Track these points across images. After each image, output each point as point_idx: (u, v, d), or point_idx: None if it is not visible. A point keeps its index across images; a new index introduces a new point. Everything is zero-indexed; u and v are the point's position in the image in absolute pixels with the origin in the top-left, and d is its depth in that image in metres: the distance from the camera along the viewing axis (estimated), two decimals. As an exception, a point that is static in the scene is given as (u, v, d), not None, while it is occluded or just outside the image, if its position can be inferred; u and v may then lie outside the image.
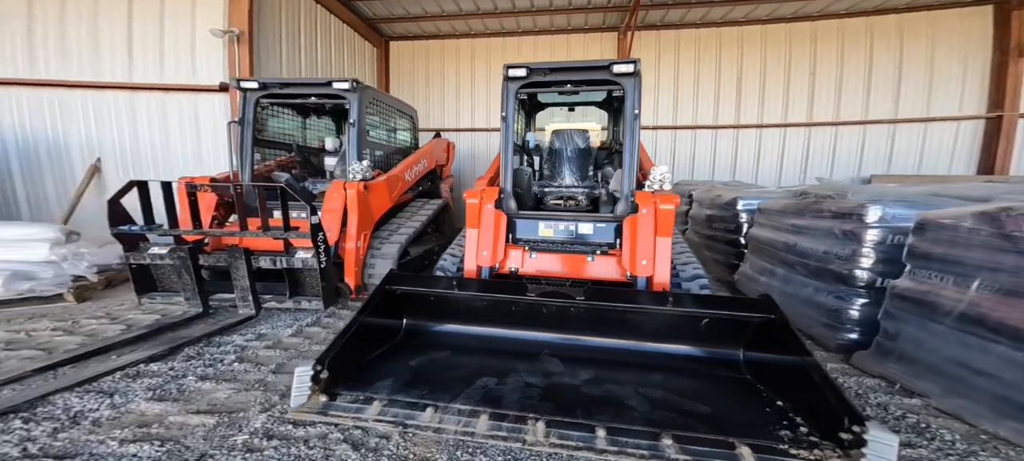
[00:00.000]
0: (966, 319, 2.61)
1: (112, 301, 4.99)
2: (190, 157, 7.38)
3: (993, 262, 2.55)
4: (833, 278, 3.71)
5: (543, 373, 3.07)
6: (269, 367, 3.32)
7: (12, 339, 3.81)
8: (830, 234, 3.78)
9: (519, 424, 2.39)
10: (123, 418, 2.58)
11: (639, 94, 4.11)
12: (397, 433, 2.47)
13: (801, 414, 2.41)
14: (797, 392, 2.54)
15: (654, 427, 2.31)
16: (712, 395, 2.74)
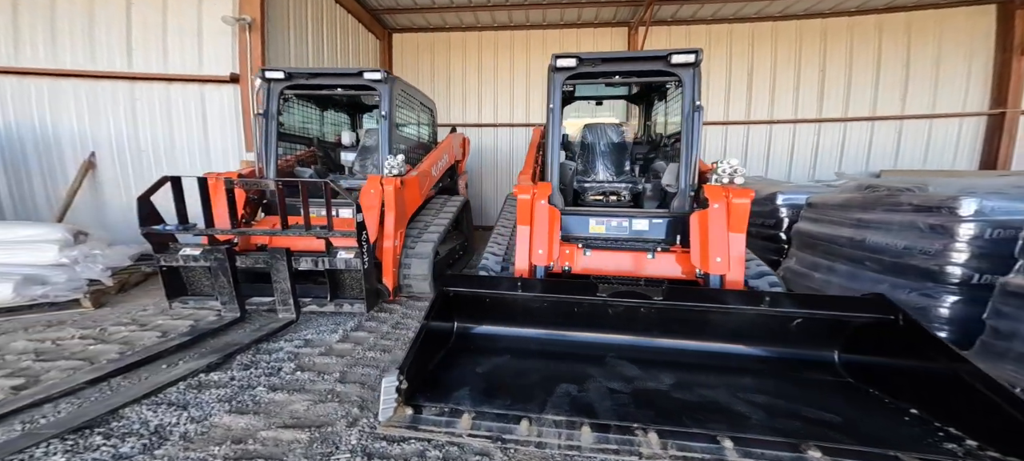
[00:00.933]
0: None
1: (132, 305, 4.56)
2: (197, 152, 6.86)
3: None
4: (917, 274, 3.51)
5: (623, 378, 2.81)
6: (333, 376, 3.03)
7: (41, 349, 3.45)
8: (912, 228, 3.59)
9: (627, 435, 2.14)
10: (212, 433, 2.36)
11: (699, 85, 3.87)
12: (497, 448, 2.23)
13: (955, 425, 2.15)
14: (938, 400, 2.30)
15: (785, 437, 2.08)
16: (825, 401, 2.50)
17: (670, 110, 4.73)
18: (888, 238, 3.79)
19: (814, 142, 10.16)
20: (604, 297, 3.08)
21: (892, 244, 3.74)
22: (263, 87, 6.46)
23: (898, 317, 2.58)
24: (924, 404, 2.33)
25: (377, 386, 2.85)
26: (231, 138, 6.85)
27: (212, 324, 3.80)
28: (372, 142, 6.17)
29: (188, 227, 3.89)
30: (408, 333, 3.81)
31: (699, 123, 3.82)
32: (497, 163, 10.63)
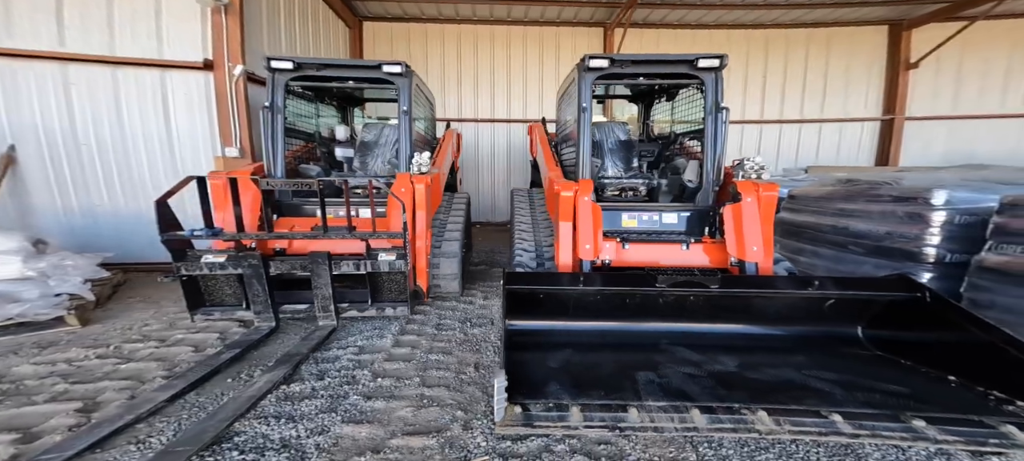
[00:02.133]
0: None
1: (126, 320, 3.99)
2: (158, 146, 5.97)
3: None
4: (898, 256, 4.04)
5: (689, 363, 2.94)
6: (412, 381, 2.89)
7: (63, 371, 2.98)
8: (891, 216, 4.14)
9: (737, 414, 2.22)
10: (342, 444, 2.23)
11: (722, 88, 4.11)
12: (614, 436, 2.27)
13: (998, 388, 2.40)
14: (975, 367, 2.57)
15: (884, 409, 2.25)
16: (877, 373, 2.75)
17: (679, 110, 4.97)
18: (870, 225, 4.33)
19: (757, 141, 11.14)
20: (664, 287, 3.20)
21: (874, 230, 4.28)
22: (242, 74, 5.87)
23: (924, 294, 2.95)
24: (961, 371, 2.62)
25: (465, 389, 2.78)
26: (202, 131, 6.09)
27: (250, 336, 3.43)
28: (371, 137, 5.81)
29: (216, 232, 3.45)
30: (454, 333, 3.68)
31: (723, 123, 4.06)
32: (478, 160, 10.37)
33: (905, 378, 2.72)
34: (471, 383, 2.86)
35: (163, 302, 4.52)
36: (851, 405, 2.31)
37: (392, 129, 5.78)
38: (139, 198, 5.92)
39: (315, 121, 5.74)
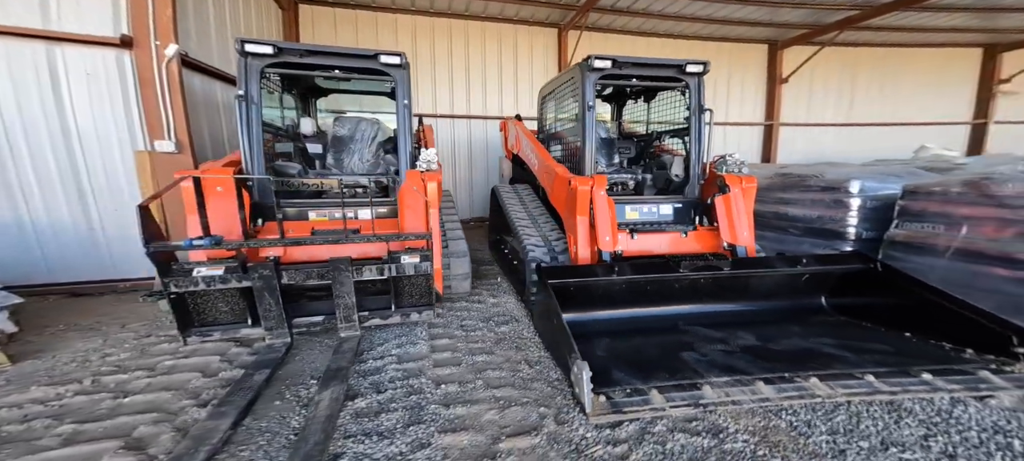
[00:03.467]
0: (958, 254, 3.90)
1: (64, 353, 3.18)
2: (47, 138, 4.64)
3: (977, 214, 3.83)
4: (827, 235, 4.85)
5: (717, 341, 3.16)
6: (474, 385, 2.77)
7: (50, 412, 2.44)
8: (820, 203, 4.96)
9: (795, 382, 2.47)
10: (454, 454, 2.10)
11: (704, 90, 4.51)
12: (698, 413, 2.37)
13: (948, 340, 2.95)
14: (925, 323, 3.11)
15: (899, 367, 2.63)
16: (852, 336, 3.20)
17: (658, 110, 5.31)
18: (804, 210, 5.14)
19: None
20: (687, 271, 3.47)
21: (808, 214, 5.09)
22: (177, 56, 4.91)
23: (876, 265, 3.60)
24: (914, 329, 3.19)
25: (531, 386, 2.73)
26: (115, 122, 4.96)
27: (268, 354, 2.95)
28: (346, 132, 5.25)
29: (215, 240, 2.87)
30: (484, 333, 3.56)
31: (706, 123, 4.47)
32: (441, 156, 9.84)
33: (873, 337, 3.21)
34: (534, 380, 2.81)
35: (102, 327, 3.70)
36: (868, 366, 2.68)
37: (369, 124, 5.30)
38: (20, 207, 4.69)
39: (281, 113, 5.01)
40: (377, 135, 5.32)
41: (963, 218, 3.90)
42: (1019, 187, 3.70)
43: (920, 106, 12.73)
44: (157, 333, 3.52)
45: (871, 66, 12.35)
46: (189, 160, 5.05)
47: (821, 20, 10.02)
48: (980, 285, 3.69)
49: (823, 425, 2.20)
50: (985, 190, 3.89)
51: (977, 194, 3.93)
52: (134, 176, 5.04)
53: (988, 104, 12.59)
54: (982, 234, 3.85)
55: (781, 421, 2.26)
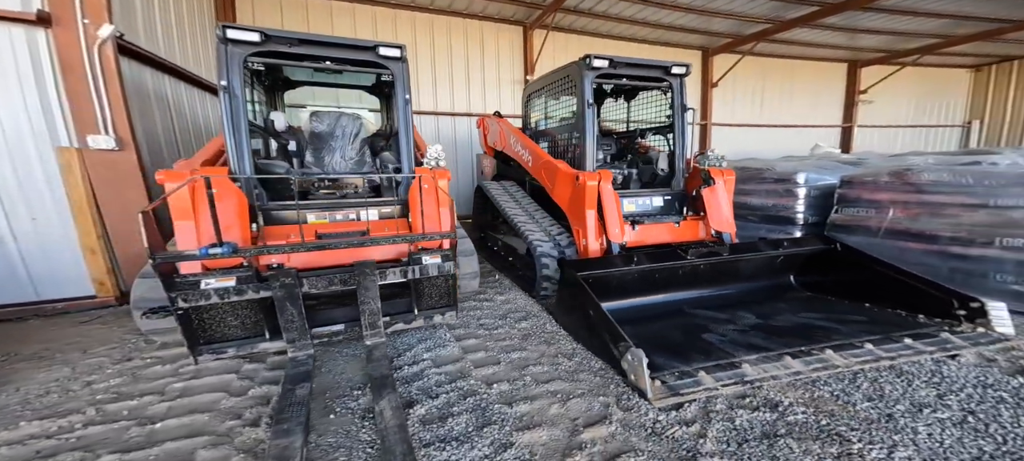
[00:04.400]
0: (888, 233, 4.58)
1: (32, 385, 2.68)
2: None
3: (901, 199, 4.53)
4: (781, 221, 5.44)
5: (725, 322, 3.42)
6: (523, 380, 2.73)
7: (68, 445, 2.08)
8: (774, 193, 5.54)
9: (815, 355, 2.72)
10: (539, 450, 2.07)
11: (685, 90, 4.80)
12: (747, 390, 2.48)
13: (899, 305, 3.45)
14: (882, 294, 3.56)
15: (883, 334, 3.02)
16: (826, 309, 3.63)
17: (639, 109, 5.55)
18: (761, 199, 5.71)
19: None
20: (694, 258, 3.69)
21: (764, 203, 5.67)
22: (112, 38, 4.19)
23: (836, 245, 4.12)
24: (872, 300, 3.67)
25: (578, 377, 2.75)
26: (31, 114, 4.12)
27: (296, 368, 2.64)
28: (325, 128, 4.80)
29: (231, 247, 2.49)
30: (507, 331, 3.50)
31: (688, 122, 4.77)
32: None
33: (840, 309, 3.64)
34: (578, 371, 2.82)
35: (55, 355, 3.15)
36: (859, 336, 3.00)
37: (350, 119, 4.90)
38: None
39: (260, 107, 4.45)
40: (359, 131, 4.95)
41: (890, 203, 4.60)
42: (933, 176, 4.45)
43: (810, 110, 14.61)
44: (140, 355, 3.01)
45: (777, 75, 13.92)
46: (132, 158, 4.34)
47: (742, 31, 11.13)
48: (906, 259, 4.37)
49: (856, 392, 2.43)
50: (907, 179, 4.61)
51: (900, 182, 4.65)
52: (57, 178, 4.20)
53: (852, 110, 14.83)
54: (906, 216, 4.57)
55: (823, 391, 2.46)
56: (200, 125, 6.27)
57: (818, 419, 2.17)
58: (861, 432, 2.07)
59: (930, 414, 2.19)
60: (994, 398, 2.33)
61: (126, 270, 4.35)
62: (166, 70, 5.46)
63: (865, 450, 1.93)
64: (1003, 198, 4.06)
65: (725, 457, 1.92)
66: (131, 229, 4.21)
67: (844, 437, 2.01)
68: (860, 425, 2.12)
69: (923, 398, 2.34)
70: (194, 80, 6.13)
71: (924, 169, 4.56)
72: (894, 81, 13.81)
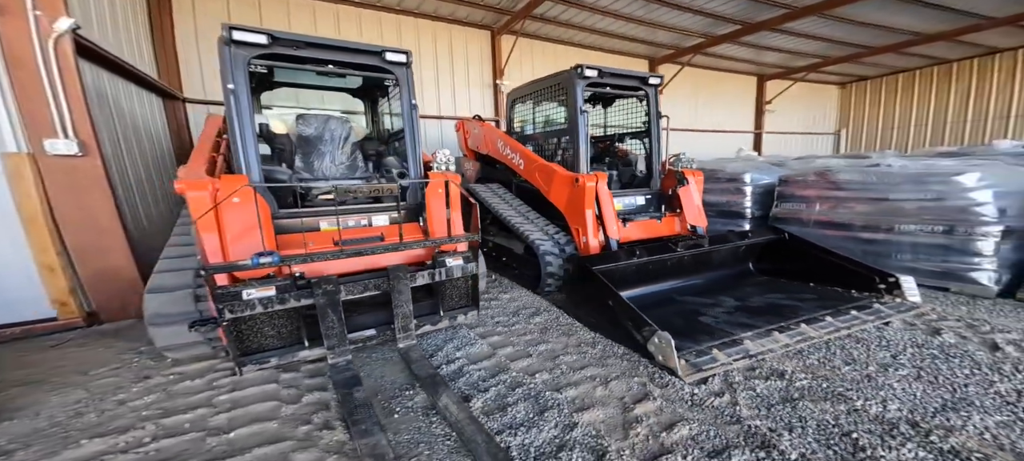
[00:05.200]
0: (817, 223, 5.41)
1: (49, 407, 2.44)
2: None
3: (822, 195, 5.36)
4: (733, 216, 6.19)
5: (712, 305, 3.86)
6: (560, 369, 2.92)
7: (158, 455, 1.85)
8: (727, 190, 6.28)
9: (793, 329, 3.21)
10: (599, 426, 2.19)
11: (659, 99, 5.26)
12: (753, 362, 2.86)
13: (835, 283, 4.16)
14: (824, 276, 4.25)
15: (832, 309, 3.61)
16: (782, 290, 4.27)
17: (612, 115, 5.97)
18: (715, 197, 6.43)
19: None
20: (683, 250, 4.14)
21: (719, 200, 6.39)
22: (70, 32, 3.76)
23: (785, 235, 4.81)
24: (815, 280, 4.36)
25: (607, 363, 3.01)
26: None
27: (341, 374, 2.62)
28: (313, 132, 4.61)
29: (279, 259, 2.41)
30: (524, 326, 3.69)
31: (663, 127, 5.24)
32: None
33: (791, 289, 4.28)
34: (605, 358, 3.07)
35: (50, 380, 2.85)
36: (815, 310, 3.59)
37: (339, 123, 4.75)
38: None
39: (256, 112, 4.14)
40: (349, 135, 4.83)
41: (816, 198, 5.46)
42: (846, 176, 5.34)
43: (730, 117, 16.25)
44: (160, 373, 2.80)
45: (707, 86, 15.33)
46: (97, 164, 3.91)
47: (682, 44, 12.19)
48: (830, 244, 5.19)
49: (835, 359, 2.90)
50: (827, 178, 5.49)
51: (823, 181, 5.53)
52: (5, 186, 3.67)
53: (761, 118, 16.86)
54: (828, 208, 5.44)
55: (810, 360, 2.90)
56: (139, 125, 5.65)
57: (819, 383, 2.60)
58: (855, 391, 2.50)
59: (894, 372, 2.71)
60: (929, 355, 2.93)
61: (93, 289, 3.88)
62: (105, 63, 4.84)
63: (867, 406, 2.34)
64: (897, 193, 4.97)
65: (762, 419, 2.26)
66: (98, 243, 3.81)
67: (845, 396, 2.44)
68: (852, 385, 2.56)
69: (883, 359, 2.89)
70: (131, 75, 5.47)
71: (840, 170, 5.46)
72: (789, 94, 15.87)
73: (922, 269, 4.61)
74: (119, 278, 3.90)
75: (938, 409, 2.31)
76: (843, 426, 2.19)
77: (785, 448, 2.02)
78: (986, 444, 2.03)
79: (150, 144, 5.84)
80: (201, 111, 7.29)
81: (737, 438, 2.11)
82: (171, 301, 2.72)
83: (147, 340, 3.31)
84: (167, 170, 6.16)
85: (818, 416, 2.28)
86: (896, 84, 16.38)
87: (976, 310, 3.87)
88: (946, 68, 14.79)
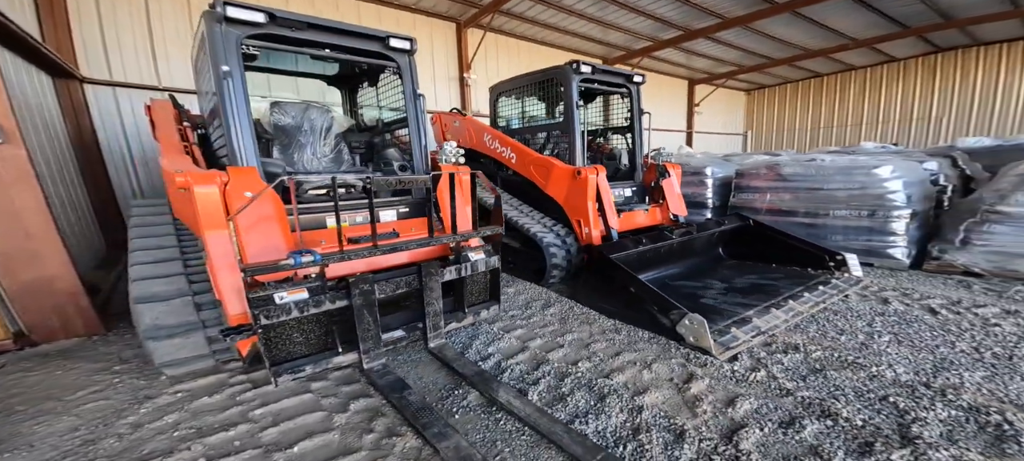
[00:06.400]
0: (768, 211, 6.04)
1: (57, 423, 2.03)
2: None
3: (772, 185, 6.01)
4: (697, 206, 6.67)
5: (704, 287, 4.17)
6: (598, 357, 2.93)
7: None
8: (691, 183, 6.76)
9: (783, 305, 3.54)
10: (653, 408, 2.18)
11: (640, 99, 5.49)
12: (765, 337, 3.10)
13: (794, 263, 4.69)
14: (785, 257, 4.77)
15: (803, 286, 4.06)
16: (753, 270, 4.76)
17: (592, 111, 6.11)
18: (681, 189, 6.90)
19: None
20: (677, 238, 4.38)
21: (685, 191, 6.84)
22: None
23: (751, 222, 5.30)
24: (777, 261, 4.87)
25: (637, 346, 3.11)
26: None
27: (381, 378, 2.41)
28: (291, 122, 4.16)
29: (320, 258, 2.14)
30: (540, 318, 3.67)
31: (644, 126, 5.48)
32: None
33: (759, 270, 4.74)
34: (635, 342, 3.14)
35: (30, 406, 2.34)
36: (790, 288, 3.99)
37: (319, 112, 4.35)
38: None
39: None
40: (331, 125, 4.44)
41: (767, 188, 6.10)
42: (791, 169, 6.02)
43: (670, 117, 17.51)
44: (165, 391, 2.39)
45: (653, 87, 16.25)
46: (20, 153, 3.21)
47: (632, 46, 12.83)
48: (781, 229, 5.89)
49: (831, 331, 3.22)
50: (777, 171, 6.16)
51: (773, 174, 6.19)
52: None
53: (692, 119, 18.45)
54: (777, 198, 6.11)
55: (810, 333, 3.19)
56: (32, 105, 4.70)
57: (830, 354, 2.85)
58: (864, 359, 2.75)
59: (879, 339, 3.06)
60: (892, 322, 3.36)
61: (21, 303, 3.16)
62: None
63: (881, 371, 2.59)
64: (830, 183, 5.69)
65: (807, 390, 2.41)
66: (25, 248, 3.12)
67: (859, 363, 2.70)
68: (858, 354, 2.83)
69: (864, 328, 3.26)
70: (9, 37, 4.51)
71: (786, 164, 6.14)
72: (711, 98, 17.53)
73: (852, 248, 5.31)
74: (55, 291, 3.21)
75: (933, 370, 2.60)
76: (877, 391, 2.40)
77: (847, 415, 2.16)
78: (992, 398, 2.28)
79: (48, 134, 4.88)
80: (106, 95, 6.15)
81: (797, 408, 2.24)
82: (168, 311, 2.31)
83: (118, 358, 2.81)
84: (66, 167, 5.20)
85: (851, 383, 2.48)
86: (786, 93, 18.88)
87: (900, 281, 4.55)
88: (819, 81, 17.49)
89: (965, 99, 13.86)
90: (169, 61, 6.60)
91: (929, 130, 14.90)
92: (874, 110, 16.05)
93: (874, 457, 1.89)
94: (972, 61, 13.55)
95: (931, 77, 14.46)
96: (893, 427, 2.10)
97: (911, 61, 14.89)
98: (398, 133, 4.55)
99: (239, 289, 2.25)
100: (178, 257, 2.86)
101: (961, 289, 4.21)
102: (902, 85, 15.24)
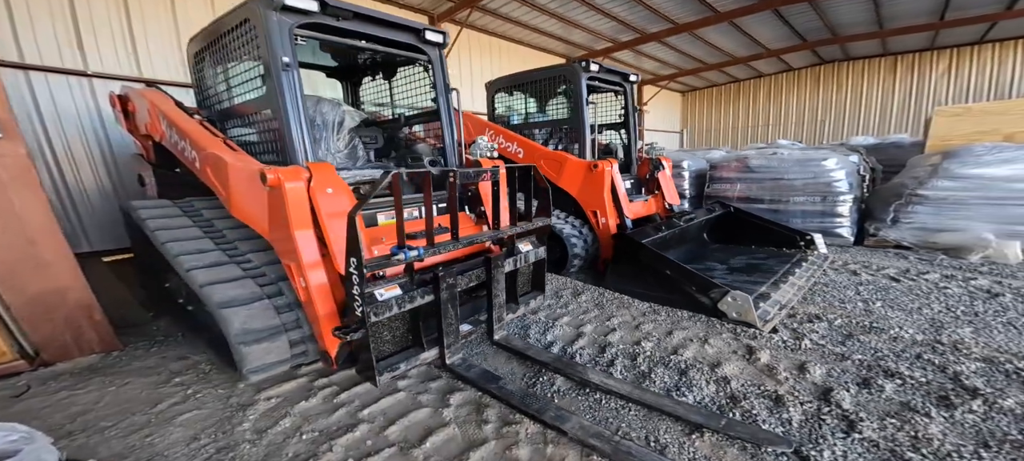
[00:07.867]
0: (739, 199, 6.70)
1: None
2: None
3: (741, 177, 6.66)
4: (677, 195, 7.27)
5: (711, 270, 4.48)
6: (650, 340, 3.09)
7: None
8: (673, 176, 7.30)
9: (788, 282, 3.94)
10: (731, 374, 2.38)
11: (634, 95, 5.79)
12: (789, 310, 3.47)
13: (771, 245, 5.26)
14: (763, 240, 5.32)
15: (789, 263, 4.63)
16: (737, 254, 5.32)
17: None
18: (660, 181, 7.42)
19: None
20: (681, 224, 4.74)
21: (664, 184, 7.39)
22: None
23: (731, 209, 5.85)
24: (755, 243, 5.41)
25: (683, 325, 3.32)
26: None
27: (477, 368, 2.41)
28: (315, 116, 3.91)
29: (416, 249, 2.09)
30: (573, 307, 3.75)
31: (638, 121, 5.80)
32: None
33: (743, 252, 5.30)
34: (680, 322, 3.32)
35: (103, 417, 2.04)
36: (781, 265, 4.49)
37: (331, 106, 4.12)
38: None
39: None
40: (344, 120, 4.23)
41: (738, 179, 6.77)
42: (757, 161, 6.74)
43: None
44: (256, 398, 2.20)
45: None
46: (20, 150, 2.76)
47: (594, 46, 13.31)
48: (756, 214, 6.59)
49: (834, 300, 3.68)
50: (745, 163, 6.85)
51: (742, 166, 6.87)
52: None
53: (641, 116, 19.62)
54: (747, 188, 6.80)
55: (819, 303, 3.62)
56: None
57: (848, 320, 3.21)
58: (879, 322, 3.10)
59: (876, 305, 3.52)
60: (872, 290, 3.89)
61: (30, 320, 2.70)
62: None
63: (901, 333, 2.90)
64: (788, 173, 6.45)
65: (855, 353, 2.67)
66: (29, 255, 2.70)
67: (877, 328, 3.05)
68: (869, 319, 3.20)
69: (855, 297, 3.74)
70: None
71: (753, 156, 6.85)
72: (655, 98, 18.84)
73: (809, 229, 6.03)
74: (66, 303, 2.76)
75: (933, 329, 2.96)
76: (910, 351, 2.66)
77: (904, 373, 2.40)
78: (999, 350, 2.60)
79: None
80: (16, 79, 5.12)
81: (862, 371, 2.46)
82: (250, 315, 2.13)
83: (168, 370, 2.54)
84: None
85: (887, 346, 2.73)
86: (714, 95, 20.80)
87: (854, 256, 5.29)
88: (738, 85, 19.71)
89: (841, 104, 16.81)
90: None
91: (817, 130, 17.63)
92: (779, 112, 18.57)
93: (960, 406, 2.08)
94: (845, 73, 16.54)
95: (817, 85, 17.24)
96: (950, 377, 2.34)
97: (804, 70, 17.48)
98: (414, 128, 4.45)
99: (329, 289, 2.15)
100: (224, 262, 2.60)
101: (902, 260, 4.99)
102: (797, 91, 17.88)
